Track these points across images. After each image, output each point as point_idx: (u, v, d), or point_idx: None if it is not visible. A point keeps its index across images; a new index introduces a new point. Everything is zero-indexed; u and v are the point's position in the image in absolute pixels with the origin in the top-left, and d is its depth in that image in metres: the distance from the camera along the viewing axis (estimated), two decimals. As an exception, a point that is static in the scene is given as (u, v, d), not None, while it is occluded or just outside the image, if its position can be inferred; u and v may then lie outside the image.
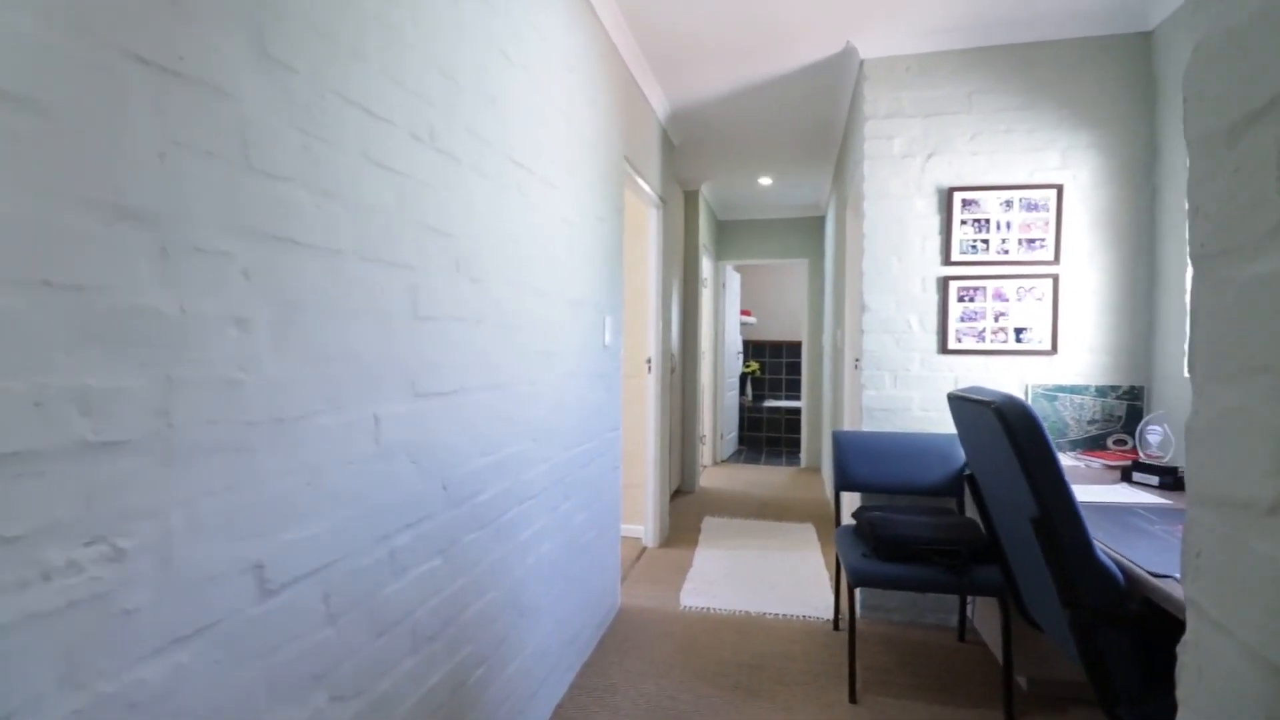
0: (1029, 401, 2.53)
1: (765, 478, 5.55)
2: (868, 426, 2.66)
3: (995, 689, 2.11)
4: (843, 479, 2.53)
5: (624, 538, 3.63)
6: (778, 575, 3.12)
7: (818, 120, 3.61)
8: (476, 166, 1.46)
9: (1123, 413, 2.47)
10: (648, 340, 3.56)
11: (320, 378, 0.99)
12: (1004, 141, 2.54)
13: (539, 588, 1.84)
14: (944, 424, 2.60)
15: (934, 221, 2.61)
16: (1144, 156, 2.43)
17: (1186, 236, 2.19)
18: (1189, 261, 1.85)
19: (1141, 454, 2.17)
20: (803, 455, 6.08)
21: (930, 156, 2.61)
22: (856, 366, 3.15)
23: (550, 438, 1.91)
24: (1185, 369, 2.23)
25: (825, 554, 3.45)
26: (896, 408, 2.64)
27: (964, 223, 2.57)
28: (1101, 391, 2.48)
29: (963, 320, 2.58)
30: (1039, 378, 2.53)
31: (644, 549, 3.53)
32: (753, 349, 7.91)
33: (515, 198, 1.66)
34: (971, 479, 1.83)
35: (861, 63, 2.69)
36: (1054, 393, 2.52)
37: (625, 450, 3.63)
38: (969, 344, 2.57)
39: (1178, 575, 1.18)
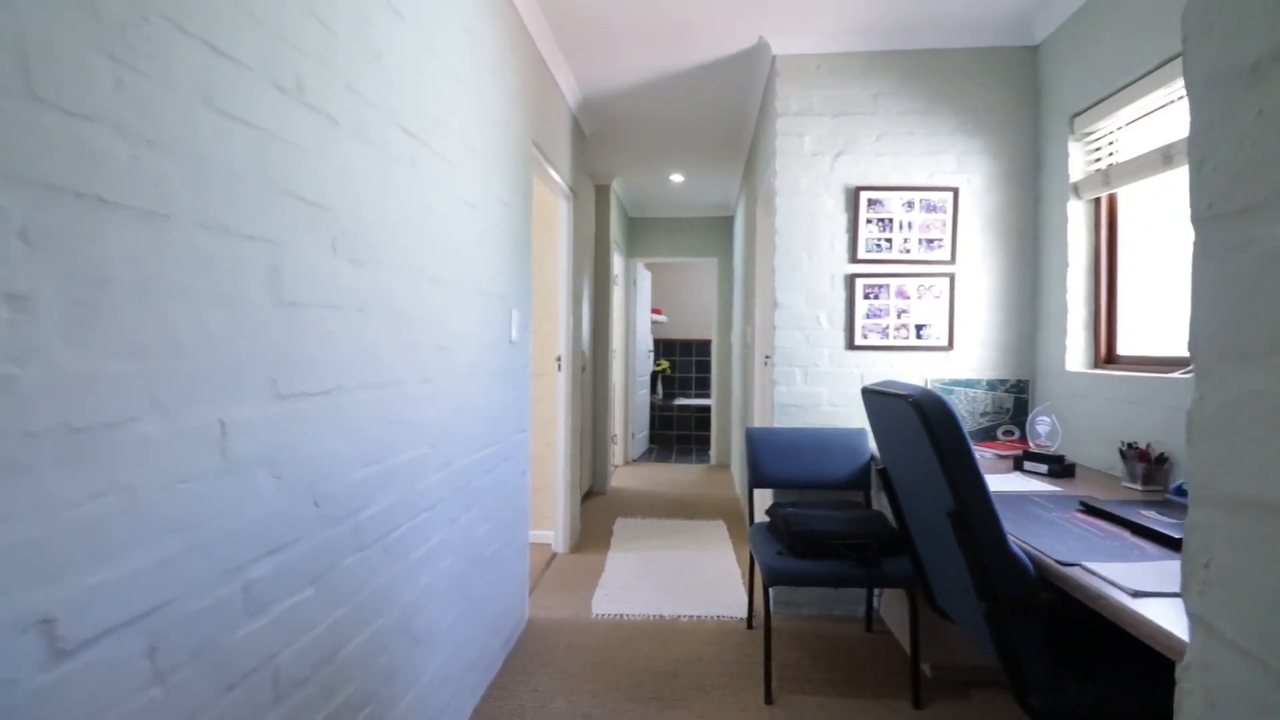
0: (929, 396, 2.62)
1: (676, 476, 5.54)
2: (779, 422, 2.66)
3: (903, 678, 2.15)
4: (756, 476, 2.51)
5: (532, 544, 3.46)
6: (691, 575, 3.07)
7: (730, 117, 3.60)
8: (359, 131, 1.27)
9: (1010, 405, 2.61)
10: (558, 337, 3.41)
11: (139, 375, 0.78)
12: (906, 144, 2.62)
13: (437, 609, 1.65)
14: (851, 419, 2.64)
15: (842, 220, 2.64)
16: (1029, 163, 2.59)
17: (1068, 239, 2.34)
18: (1068, 263, 1.92)
19: (1031, 444, 2.30)
20: (712, 452, 6.13)
21: (839, 155, 2.64)
22: (767, 363, 3.17)
23: (450, 442, 1.73)
24: (1066, 363, 2.39)
25: (737, 550, 3.45)
26: (807, 403, 2.65)
27: (869, 221, 2.62)
28: (992, 385, 2.62)
29: (868, 317, 2.63)
30: (937, 372, 2.63)
31: (554, 555, 3.38)
32: (663, 347, 7.93)
33: (407, 172, 1.47)
34: (884, 473, 1.84)
35: (774, 59, 2.69)
36: (950, 386, 2.62)
37: (534, 452, 3.46)
38: (874, 340, 2.63)
39: (1084, 563, 1.21)
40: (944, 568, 1.54)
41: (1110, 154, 2.24)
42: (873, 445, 2.54)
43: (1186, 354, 1.71)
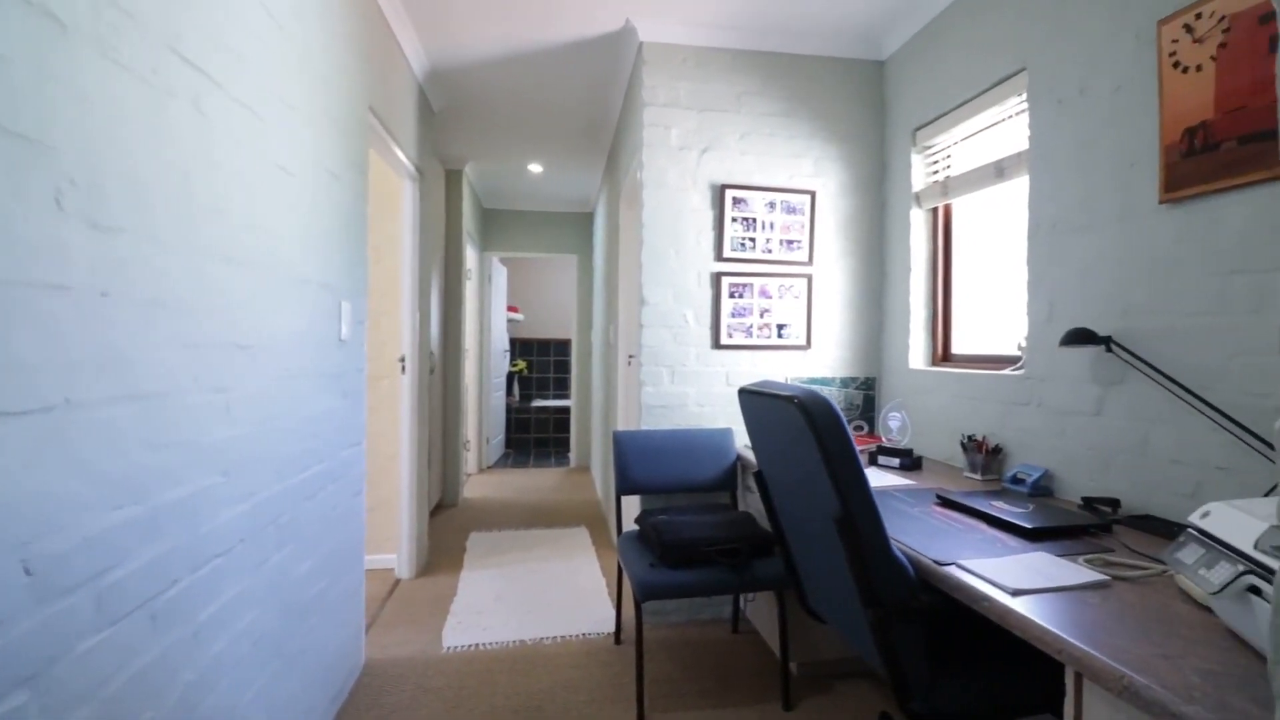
0: (790, 394, 2.67)
1: (535, 481, 5.29)
2: (646, 424, 2.56)
3: (773, 679, 2.14)
4: (624, 482, 2.38)
5: (372, 571, 3.05)
6: (554, 591, 2.87)
7: (593, 103, 3.44)
8: (104, 43, 0.91)
9: (860, 401, 2.74)
10: (402, 335, 3.02)
11: None
12: (769, 144, 2.64)
13: (235, 681, 1.30)
14: (717, 419, 2.61)
15: (708, 216, 2.60)
16: (877, 171, 2.73)
17: (911, 245, 2.48)
18: (911, 267, 1.99)
19: (883, 438, 2.41)
20: (572, 455, 5.96)
21: (705, 151, 2.60)
22: (630, 363, 3.06)
23: (253, 466, 1.37)
24: (910, 361, 2.53)
25: (602, 558, 3.30)
26: (673, 404, 2.58)
27: (734, 220, 2.61)
28: (845, 383, 2.73)
29: (734, 316, 2.62)
30: (796, 370, 2.69)
31: (397, 582, 3.00)
32: (520, 347, 7.60)
33: (188, 115, 1.12)
34: (759, 475, 1.78)
35: (641, 45, 2.57)
36: (808, 384, 2.69)
37: (373, 466, 3.04)
38: (739, 339, 2.62)
39: (960, 562, 1.20)
40: (820, 571, 1.50)
41: (947, 167, 2.41)
42: (740, 444, 2.53)
43: (1014, 353, 1.80)
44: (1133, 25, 1.55)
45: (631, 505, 2.84)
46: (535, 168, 4.61)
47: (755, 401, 1.54)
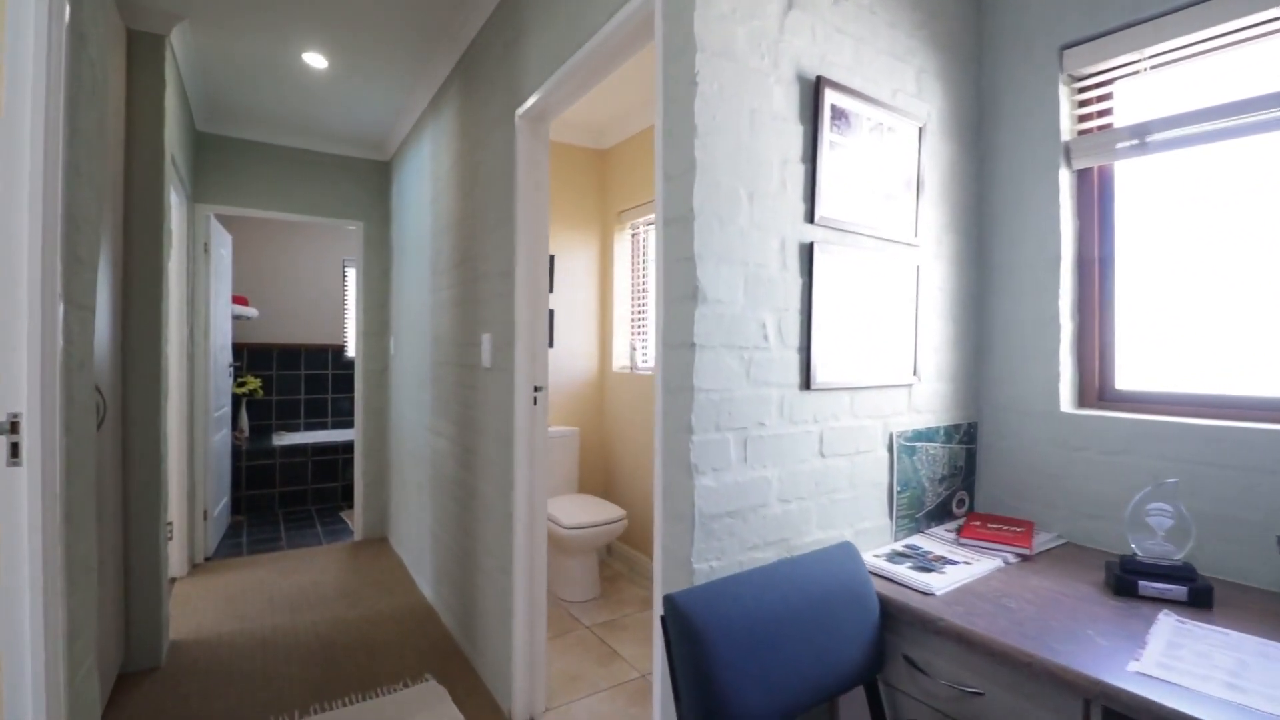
0: (894, 461, 1.57)
1: (299, 578, 3.31)
2: (703, 552, 1.21)
3: None
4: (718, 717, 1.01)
5: None
6: None
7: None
8: None
9: (963, 461, 1.77)
10: (14, 367, 1.14)
11: None
12: (869, 26, 1.50)
13: None
14: (810, 519, 1.38)
15: (795, 135, 1.36)
16: (986, 106, 1.78)
17: (1060, 220, 1.58)
18: (1060, 255, 0.87)
19: (1135, 548, 1.44)
20: (358, 521, 4.03)
21: (790, 9, 1.35)
22: (536, 401, 1.65)
23: None
24: (1059, 400, 1.63)
25: (509, 765, 1.80)
26: (746, 504, 1.28)
27: (833, 147, 1.41)
28: (949, 434, 1.73)
29: (832, 326, 1.42)
30: (899, 421, 1.60)
31: None
32: (252, 356, 5.19)
33: None
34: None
35: None
36: (913, 443, 1.63)
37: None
38: (837, 370, 1.43)
39: None
40: None
41: (1109, 110, 1.56)
42: (868, 558, 1.34)
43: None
44: None
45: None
46: (316, 59, 2.73)
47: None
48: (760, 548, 1.29)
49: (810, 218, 1.37)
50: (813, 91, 1.37)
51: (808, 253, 1.37)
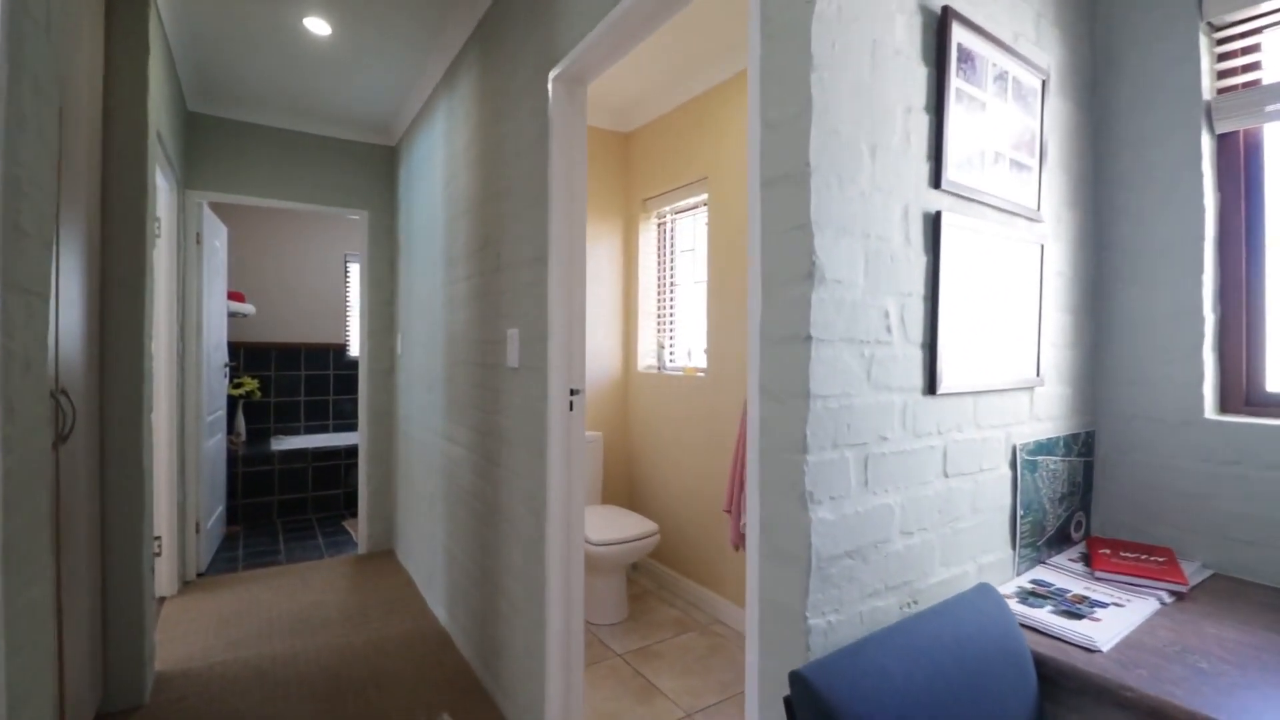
0: (1018, 479, 1.31)
1: (299, 597, 3.04)
2: (818, 596, 0.94)
3: None
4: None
5: None
6: None
7: None
8: None
9: (1081, 477, 1.51)
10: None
11: None
12: (996, -49, 1.24)
13: None
14: (937, 553, 1.12)
15: (919, 78, 1.09)
16: (1110, 60, 1.52)
17: (1205, 191, 1.31)
18: (1204, 235, 0.71)
19: None
20: (362, 532, 3.75)
21: (913, -82, 1.08)
22: (574, 404, 1.37)
23: None
24: (1202, 407, 1.37)
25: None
26: (868, 539, 1.01)
27: (961, 97, 1.15)
28: (1068, 445, 1.47)
29: (959, 315, 1.16)
30: (1023, 431, 1.34)
31: None
32: (248, 356, 4.92)
33: None
34: None
35: None
36: (1035, 456, 1.36)
37: None
38: (966, 372, 1.17)
39: None
40: None
41: (1258, 60, 1.29)
42: (1015, 608, 1.08)
43: None
44: None
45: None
46: (319, 25, 2.47)
47: None
48: (881, 594, 1.03)
49: (936, 181, 1.11)
50: (936, 25, 1.11)
51: (933, 224, 1.10)
